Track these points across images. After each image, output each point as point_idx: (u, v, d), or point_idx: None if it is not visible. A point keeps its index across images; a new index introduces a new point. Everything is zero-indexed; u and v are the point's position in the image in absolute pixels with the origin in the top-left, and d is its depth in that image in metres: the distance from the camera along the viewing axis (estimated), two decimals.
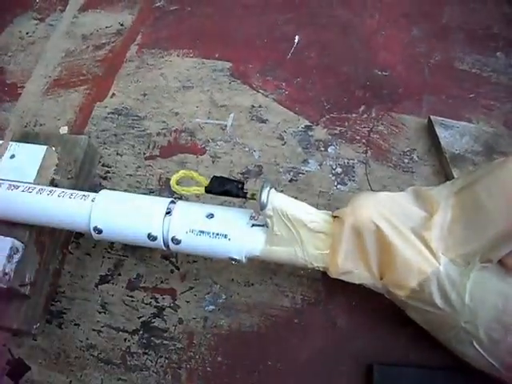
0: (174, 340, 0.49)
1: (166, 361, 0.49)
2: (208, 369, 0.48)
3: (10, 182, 0.47)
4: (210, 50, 0.65)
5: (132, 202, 0.45)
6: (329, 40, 0.63)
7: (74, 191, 0.46)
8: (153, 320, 0.50)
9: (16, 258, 0.46)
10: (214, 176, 0.43)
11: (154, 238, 0.43)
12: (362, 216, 0.37)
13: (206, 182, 0.43)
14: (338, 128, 0.57)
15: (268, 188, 0.39)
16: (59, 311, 0.52)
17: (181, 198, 0.52)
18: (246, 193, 0.41)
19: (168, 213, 0.43)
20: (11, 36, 0.74)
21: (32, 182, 0.49)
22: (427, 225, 0.37)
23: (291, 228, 0.40)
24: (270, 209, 0.39)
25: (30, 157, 0.50)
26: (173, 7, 0.70)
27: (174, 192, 0.44)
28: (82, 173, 0.56)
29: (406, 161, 0.54)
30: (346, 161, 0.55)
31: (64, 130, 0.63)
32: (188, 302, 0.51)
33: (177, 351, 0.49)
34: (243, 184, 0.42)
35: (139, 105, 0.63)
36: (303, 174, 0.54)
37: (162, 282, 0.52)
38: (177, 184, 0.43)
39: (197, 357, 0.48)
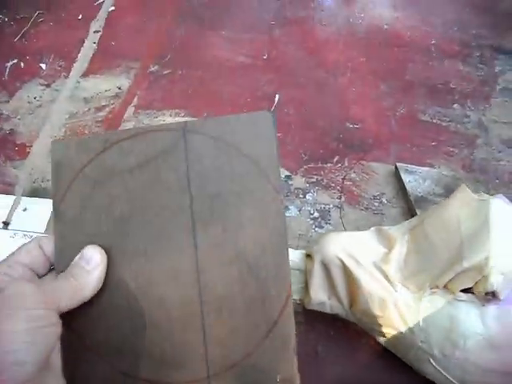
0: None
1: None
2: None
3: (24, 232, 0.54)
4: (199, 109, 0.72)
5: None
6: (306, 97, 0.70)
7: None
8: None
9: None
10: None
11: None
12: (329, 253, 0.43)
13: None
14: (315, 177, 0.63)
15: None
16: None
17: None
18: None
19: None
20: (20, 100, 0.81)
21: (43, 232, 0.55)
22: (386, 259, 0.43)
23: None
24: None
25: (40, 210, 0.57)
26: (166, 71, 0.77)
27: None
28: None
29: (376, 204, 0.60)
30: (322, 206, 0.61)
31: None
32: None
33: None
34: None
35: None
36: None
37: None
38: None
39: None
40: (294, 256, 0.47)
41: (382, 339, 0.45)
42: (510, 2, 0.74)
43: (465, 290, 0.40)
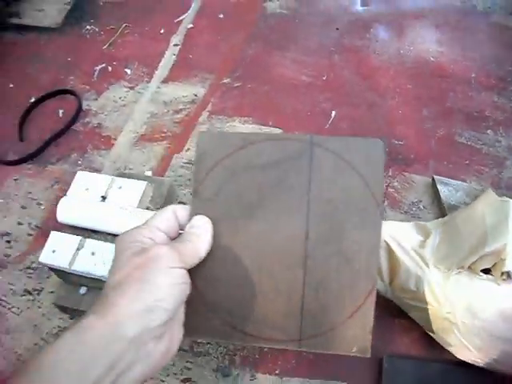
0: None
1: (225, 349, 0.64)
2: (256, 356, 0.63)
3: (120, 206, 0.65)
4: (265, 119, 0.83)
5: None
6: (358, 115, 0.81)
7: None
8: None
9: None
10: None
11: None
12: None
13: None
14: None
15: None
16: None
17: None
18: None
19: None
20: (107, 99, 0.93)
21: (136, 206, 0.66)
22: (422, 245, 0.53)
23: None
24: None
25: (133, 189, 0.68)
26: (237, 84, 0.89)
27: None
28: (165, 205, 0.73)
29: (414, 209, 0.70)
30: None
31: (148, 173, 0.81)
32: None
33: (233, 343, 0.63)
34: None
35: None
36: None
37: None
38: None
39: (248, 347, 0.64)
40: None
41: (413, 314, 0.55)
42: None
43: (485, 272, 0.50)
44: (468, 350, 0.51)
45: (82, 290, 0.67)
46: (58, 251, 0.65)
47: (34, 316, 0.71)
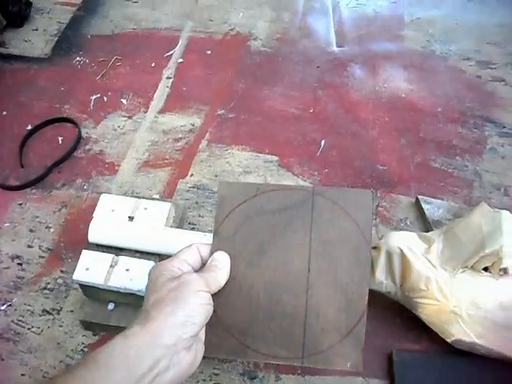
0: None
1: None
2: None
3: (151, 225, 0.72)
4: (261, 147, 0.91)
5: None
6: (345, 144, 0.91)
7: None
8: None
9: None
10: None
11: None
12: (393, 244, 0.64)
13: None
14: None
15: None
16: None
17: None
18: None
19: None
20: (106, 127, 0.98)
21: (164, 225, 0.72)
22: (428, 251, 0.63)
23: None
24: None
25: (159, 209, 0.74)
26: (231, 115, 0.97)
27: None
28: (180, 225, 0.80)
29: (402, 225, 0.80)
30: None
31: (156, 197, 0.87)
32: None
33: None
34: None
35: (212, 182, 0.87)
36: None
37: None
38: None
39: None
40: None
41: (420, 312, 0.65)
42: (491, 85, 0.99)
43: (485, 269, 0.61)
44: (470, 338, 0.61)
45: (110, 305, 0.71)
46: (92, 269, 0.69)
47: (57, 334, 0.73)
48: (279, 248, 0.55)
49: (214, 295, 0.52)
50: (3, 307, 0.77)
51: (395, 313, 0.70)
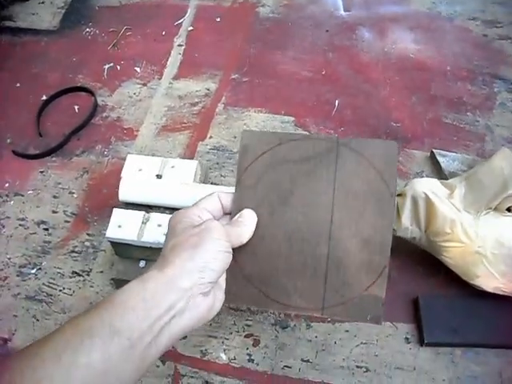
0: None
1: None
2: None
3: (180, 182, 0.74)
4: (277, 109, 0.93)
5: None
6: (358, 103, 0.93)
7: None
8: None
9: None
10: None
11: None
12: (418, 189, 0.66)
13: None
14: None
15: None
16: None
17: None
18: None
19: None
20: (122, 95, 0.99)
21: (191, 181, 0.74)
22: (451, 196, 0.66)
23: None
24: None
25: (186, 167, 0.76)
26: (245, 79, 0.98)
27: None
28: (205, 182, 0.82)
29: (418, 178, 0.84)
30: None
31: None
32: None
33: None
34: None
35: (231, 144, 0.89)
36: None
37: None
38: None
39: None
40: None
41: (445, 257, 0.67)
42: (498, 44, 1.01)
43: (508, 210, 0.65)
44: (494, 277, 0.64)
45: (142, 263, 0.73)
46: (124, 226, 0.71)
47: (88, 295, 0.76)
48: (302, 198, 0.55)
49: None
50: (33, 271, 0.79)
51: (418, 259, 0.73)
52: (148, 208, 0.75)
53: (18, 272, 0.79)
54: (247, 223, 0.54)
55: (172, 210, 0.73)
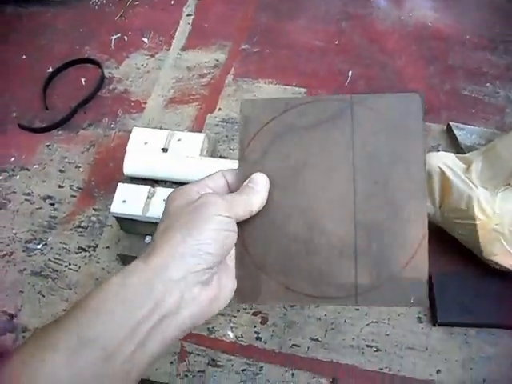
0: None
1: None
2: None
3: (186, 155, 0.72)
4: (288, 80, 0.90)
5: None
6: (372, 74, 0.90)
7: None
8: None
9: None
10: None
11: None
12: (433, 164, 0.63)
13: None
14: None
15: None
16: None
17: None
18: None
19: None
20: (129, 67, 0.97)
21: (198, 155, 0.72)
22: (468, 171, 0.63)
23: None
24: None
25: (193, 140, 0.74)
26: (255, 49, 0.95)
27: None
28: (212, 157, 0.80)
29: (434, 152, 0.81)
30: None
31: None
32: None
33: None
34: None
35: None
36: None
37: None
38: None
39: None
40: None
41: (460, 234, 0.65)
42: None
43: None
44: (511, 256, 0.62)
45: (148, 239, 0.72)
46: (129, 201, 0.70)
47: (94, 270, 0.75)
48: (317, 169, 0.48)
49: (243, 230, 0.46)
50: (39, 246, 0.79)
51: (432, 236, 0.68)
52: (154, 182, 0.73)
53: (23, 247, 0.79)
54: (258, 188, 0.46)
55: (178, 184, 0.71)
